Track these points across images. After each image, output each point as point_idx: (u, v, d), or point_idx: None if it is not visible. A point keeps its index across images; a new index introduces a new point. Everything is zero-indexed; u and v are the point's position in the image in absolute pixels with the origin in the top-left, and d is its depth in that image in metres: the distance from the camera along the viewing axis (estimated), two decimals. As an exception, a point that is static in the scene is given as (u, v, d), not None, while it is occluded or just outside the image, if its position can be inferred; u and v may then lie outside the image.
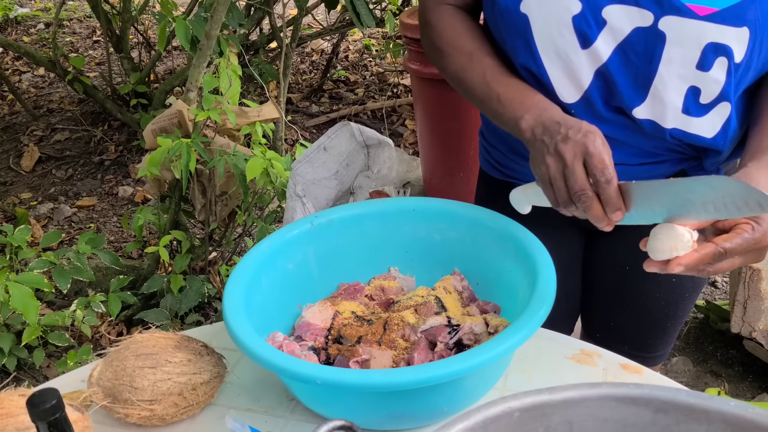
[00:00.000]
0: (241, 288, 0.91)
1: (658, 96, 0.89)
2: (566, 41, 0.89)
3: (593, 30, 0.87)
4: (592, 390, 0.57)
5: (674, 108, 0.90)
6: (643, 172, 1.00)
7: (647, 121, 0.92)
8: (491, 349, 0.77)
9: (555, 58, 0.91)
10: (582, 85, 0.91)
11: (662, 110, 0.90)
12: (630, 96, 0.90)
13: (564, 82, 0.92)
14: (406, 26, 2.34)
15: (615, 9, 0.85)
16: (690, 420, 0.55)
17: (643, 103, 0.90)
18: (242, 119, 2.13)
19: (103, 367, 0.85)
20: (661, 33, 0.85)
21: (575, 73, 0.91)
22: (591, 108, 0.93)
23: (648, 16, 0.84)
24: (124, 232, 3.06)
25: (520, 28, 0.91)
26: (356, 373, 0.78)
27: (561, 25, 0.88)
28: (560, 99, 0.93)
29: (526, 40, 0.91)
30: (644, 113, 0.91)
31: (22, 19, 5.58)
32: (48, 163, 3.64)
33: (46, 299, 2.32)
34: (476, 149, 2.41)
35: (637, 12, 0.85)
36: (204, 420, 0.89)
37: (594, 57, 0.89)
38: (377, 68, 4.50)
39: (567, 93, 0.93)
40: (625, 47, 0.87)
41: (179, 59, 4.57)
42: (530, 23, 0.90)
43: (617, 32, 0.87)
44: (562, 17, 0.87)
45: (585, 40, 0.88)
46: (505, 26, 0.94)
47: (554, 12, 0.88)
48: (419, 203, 1.07)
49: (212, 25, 1.92)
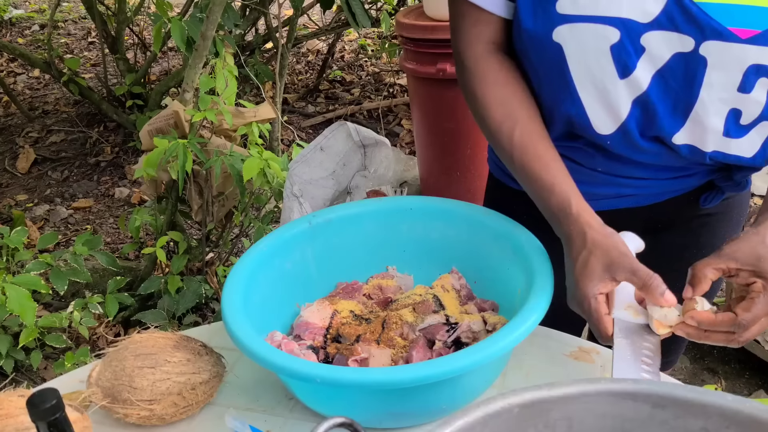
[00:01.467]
0: (239, 287, 0.91)
1: (698, 121, 0.87)
2: (604, 71, 0.85)
3: (632, 58, 0.84)
4: (591, 386, 0.57)
5: (715, 132, 0.88)
6: (674, 185, 1.00)
7: (685, 146, 0.90)
8: (490, 347, 0.77)
9: (591, 89, 0.88)
10: (620, 116, 0.89)
11: (702, 134, 0.89)
12: (669, 123, 0.88)
13: (600, 114, 0.89)
14: (403, 26, 2.34)
15: (654, 35, 0.82)
16: (688, 415, 0.55)
17: (682, 128, 0.88)
18: (239, 120, 2.13)
19: (102, 367, 0.85)
20: (702, 58, 0.82)
21: (612, 104, 0.88)
22: (627, 139, 0.91)
23: (689, 41, 0.82)
24: (121, 234, 3.06)
25: (553, 59, 0.87)
26: (356, 371, 0.78)
27: (599, 55, 0.84)
28: (596, 131, 0.91)
29: (561, 70, 0.87)
30: (683, 139, 0.89)
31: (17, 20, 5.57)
32: (44, 164, 3.63)
33: (43, 301, 2.32)
34: (473, 148, 2.43)
35: (677, 38, 0.82)
36: (203, 419, 0.89)
37: (633, 86, 0.86)
38: (373, 68, 4.50)
39: (603, 125, 0.90)
40: (665, 73, 0.84)
41: (175, 60, 4.56)
42: (564, 53, 0.86)
43: (656, 59, 0.84)
44: (600, 46, 0.83)
45: (624, 70, 0.85)
46: (537, 57, 0.90)
47: (591, 41, 0.83)
48: (417, 202, 1.07)
49: (208, 26, 1.92)
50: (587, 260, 0.82)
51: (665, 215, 1.05)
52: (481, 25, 0.94)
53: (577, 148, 0.97)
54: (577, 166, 0.98)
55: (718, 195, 1.02)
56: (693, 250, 1.08)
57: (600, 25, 0.83)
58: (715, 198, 1.02)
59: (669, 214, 1.05)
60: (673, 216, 1.05)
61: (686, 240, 1.08)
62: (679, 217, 1.06)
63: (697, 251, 1.08)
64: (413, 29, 2.30)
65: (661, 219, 1.05)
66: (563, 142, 0.94)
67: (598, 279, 0.81)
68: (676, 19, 0.81)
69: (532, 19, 0.87)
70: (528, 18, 0.88)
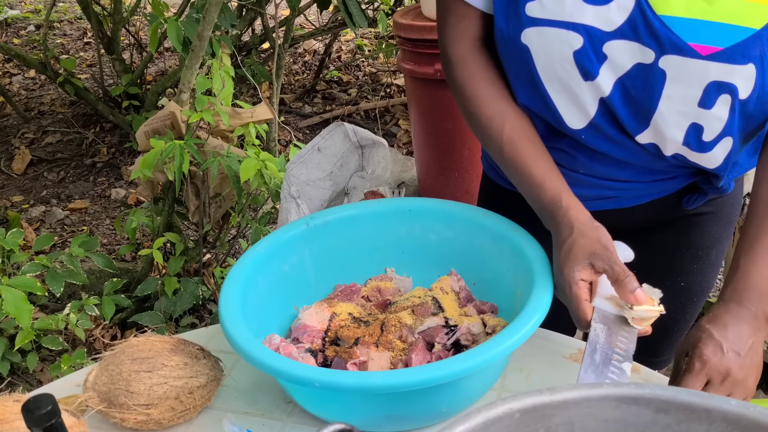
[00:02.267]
0: (237, 290, 0.90)
1: (658, 129, 0.89)
2: (568, 74, 0.87)
3: (594, 65, 0.85)
4: (593, 390, 0.57)
5: (674, 141, 0.89)
6: (655, 187, 1.01)
7: (650, 145, 0.92)
8: (490, 350, 0.77)
9: (559, 88, 0.89)
10: (588, 113, 0.90)
11: (662, 141, 0.90)
12: (632, 125, 0.89)
13: (570, 110, 0.91)
14: (400, 26, 2.34)
15: (616, 44, 0.83)
16: (691, 419, 0.55)
17: (644, 131, 0.90)
18: (235, 120, 2.12)
19: (98, 371, 0.84)
20: (661, 71, 0.83)
21: (580, 102, 0.89)
22: (599, 132, 0.92)
23: (649, 53, 0.83)
24: (117, 235, 3.05)
25: (522, 59, 0.89)
26: (355, 375, 0.77)
27: (562, 59, 0.86)
28: (569, 126, 0.92)
29: (528, 70, 0.90)
30: (647, 139, 0.91)
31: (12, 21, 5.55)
32: (39, 165, 3.62)
33: (39, 303, 2.30)
34: (471, 149, 2.42)
35: (638, 48, 0.83)
36: (201, 424, 0.88)
37: (596, 89, 0.87)
38: (370, 68, 4.50)
39: (574, 120, 0.92)
40: (626, 82, 0.86)
41: (171, 61, 4.55)
42: (532, 54, 0.88)
43: (618, 67, 0.85)
44: (564, 51, 0.85)
45: (586, 74, 0.86)
46: (508, 56, 0.92)
47: (555, 46, 0.86)
48: (415, 203, 1.07)
49: (204, 26, 1.91)
50: (571, 247, 0.84)
51: (650, 216, 1.05)
52: (467, 20, 0.95)
53: (559, 149, 0.98)
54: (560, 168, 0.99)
55: (700, 197, 1.02)
56: (683, 249, 1.08)
57: (564, 30, 0.84)
58: (697, 200, 1.02)
59: (654, 215, 1.05)
60: (658, 216, 1.06)
61: (676, 238, 1.08)
62: (667, 217, 1.06)
63: (686, 250, 1.08)
64: (411, 29, 2.29)
65: (647, 219, 1.06)
66: (545, 143, 0.95)
67: (580, 266, 0.83)
68: (639, 30, 0.82)
69: (504, 19, 0.89)
70: (501, 18, 0.90)
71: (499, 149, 0.93)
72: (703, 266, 1.09)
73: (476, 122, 0.96)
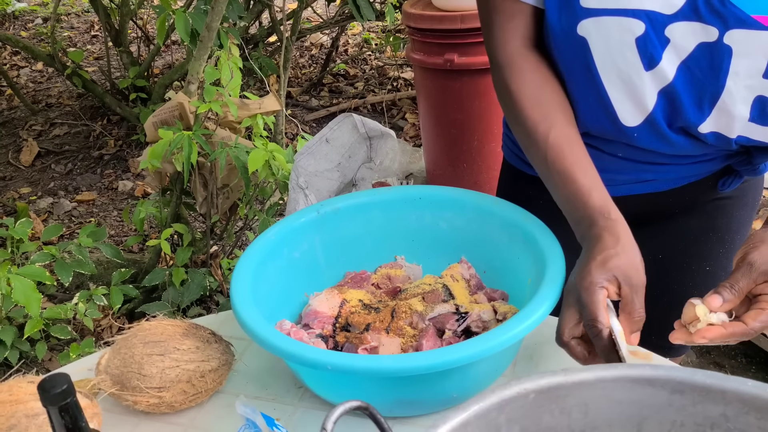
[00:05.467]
0: (248, 276, 0.90)
1: (724, 109, 0.87)
2: (629, 63, 0.85)
3: (658, 50, 0.84)
4: (608, 371, 0.57)
5: (741, 118, 0.88)
6: (692, 170, 1.00)
7: (711, 134, 0.90)
8: (502, 335, 0.77)
9: (617, 81, 0.88)
10: (646, 107, 0.89)
11: (728, 121, 0.89)
12: (694, 113, 0.88)
13: (627, 106, 0.90)
14: (410, 16, 2.33)
15: (679, 26, 0.82)
16: (706, 401, 0.55)
17: (708, 118, 0.89)
18: (243, 112, 2.12)
19: (110, 354, 0.85)
20: (726, 47, 0.82)
21: (639, 95, 0.88)
22: (655, 129, 0.91)
23: (713, 31, 0.82)
24: (125, 227, 3.06)
25: (578, 52, 0.88)
26: (367, 359, 0.77)
27: (624, 47, 0.84)
28: (623, 123, 0.91)
29: (586, 64, 0.88)
30: (709, 127, 0.90)
31: (20, 13, 5.56)
32: (47, 157, 3.63)
33: (48, 293, 2.31)
34: (480, 140, 2.42)
35: (700, 28, 0.82)
36: (212, 407, 0.89)
37: (659, 77, 0.86)
38: (377, 62, 4.49)
39: (630, 117, 0.90)
40: (690, 64, 0.84)
41: (178, 53, 4.55)
42: (589, 46, 0.86)
43: (681, 49, 0.84)
44: (625, 39, 0.84)
45: (650, 62, 0.85)
46: (563, 51, 0.90)
47: (615, 34, 0.84)
48: (425, 191, 1.07)
49: (213, 17, 1.91)
50: (611, 257, 0.81)
51: (683, 200, 1.05)
52: (516, 18, 0.93)
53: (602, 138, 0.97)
54: (598, 152, 0.97)
55: (736, 179, 1.02)
56: (709, 233, 1.08)
57: (624, 18, 0.83)
58: (733, 182, 1.02)
59: (687, 198, 1.05)
60: (690, 200, 1.05)
61: (702, 223, 1.08)
62: (696, 201, 1.06)
63: (713, 234, 1.08)
64: (421, 20, 2.28)
65: (679, 203, 1.06)
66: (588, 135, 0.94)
67: (611, 277, 0.80)
68: (700, 9, 0.81)
69: (557, 13, 0.87)
70: (553, 13, 0.88)
71: (542, 154, 0.90)
72: (729, 251, 1.09)
73: (521, 125, 0.93)
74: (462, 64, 2.24)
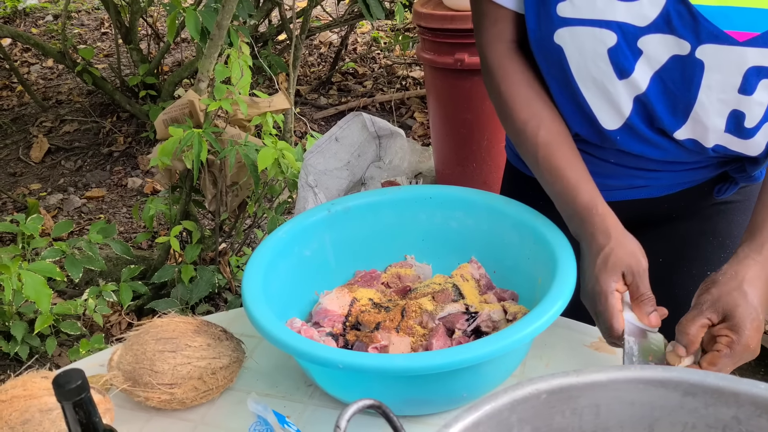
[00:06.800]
0: (259, 274, 0.91)
1: (698, 120, 0.88)
2: (602, 72, 0.87)
3: (630, 61, 0.85)
4: (620, 372, 0.57)
5: (716, 130, 0.89)
6: (686, 176, 1.00)
7: (689, 141, 0.91)
8: (511, 335, 0.77)
9: (593, 87, 0.89)
10: (623, 113, 0.90)
11: (703, 131, 0.89)
12: (670, 121, 0.89)
13: (605, 110, 0.91)
14: (420, 15, 2.33)
15: (652, 38, 0.83)
16: (719, 403, 0.55)
17: (683, 126, 0.89)
18: (253, 110, 2.12)
19: (123, 351, 0.85)
20: (698, 61, 0.83)
21: (614, 101, 0.89)
22: (634, 132, 0.92)
23: (685, 45, 0.82)
24: (134, 224, 3.07)
25: (555, 59, 0.89)
26: (377, 357, 0.78)
27: (596, 57, 0.86)
28: (603, 126, 0.92)
29: (562, 71, 0.90)
30: (685, 135, 0.90)
31: (31, 10, 5.59)
32: (57, 154, 3.65)
33: (58, 288, 2.32)
34: (489, 140, 2.42)
35: (673, 41, 0.83)
36: (223, 404, 0.89)
37: (632, 86, 0.87)
38: (386, 61, 4.49)
39: (609, 120, 0.92)
40: (663, 75, 0.85)
41: (188, 51, 4.57)
42: (565, 54, 0.88)
43: (654, 61, 0.85)
44: (597, 49, 0.85)
45: (622, 72, 0.86)
46: (542, 57, 0.92)
47: (588, 44, 0.85)
48: (436, 191, 1.07)
49: (224, 15, 1.92)
50: (608, 256, 0.83)
51: (680, 205, 1.05)
52: (500, 23, 0.95)
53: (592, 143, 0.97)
54: (590, 157, 0.98)
55: (731, 186, 1.02)
56: (709, 237, 1.08)
57: (597, 28, 0.84)
58: (729, 189, 1.02)
59: (684, 204, 1.05)
60: (688, 206, 1.05)
61: (702, 227, 1.08)
62: (694, 207, 1.06)
63: (713, 239, 1.08)
64: (431, 19, 2.28)
65: (676, 209, 1.05)
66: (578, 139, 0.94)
67: (617, 276, 0.82)
68: (673, 22, 0.81)
69: (535, 21, 0.89)
70: (532, 19, 0.89)
71: (533, 152, 0.92)
72: (730, 255, 1.09)
73: (511, 125, 0.95)
74: (472, 64, 2.24)
